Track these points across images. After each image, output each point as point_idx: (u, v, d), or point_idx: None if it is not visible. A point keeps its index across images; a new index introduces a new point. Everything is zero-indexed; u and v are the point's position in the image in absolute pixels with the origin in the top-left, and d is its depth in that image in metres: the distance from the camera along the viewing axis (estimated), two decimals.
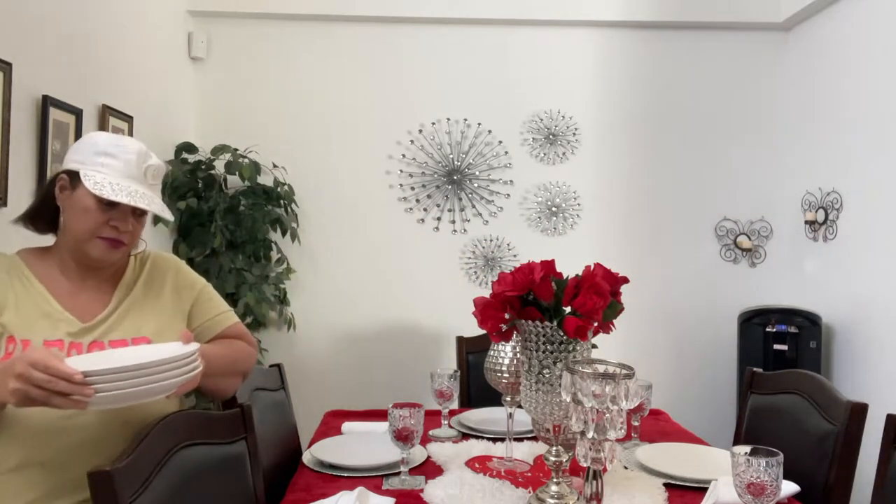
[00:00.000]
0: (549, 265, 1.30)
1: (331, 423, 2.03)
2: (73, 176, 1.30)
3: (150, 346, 1.32)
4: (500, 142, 3.59)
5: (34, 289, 1.31)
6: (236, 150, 3.28)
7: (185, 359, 1.18)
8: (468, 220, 3.59)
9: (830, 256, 3.19)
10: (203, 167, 3.23)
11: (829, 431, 1.57)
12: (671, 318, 3.60)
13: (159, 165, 1.37)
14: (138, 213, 1.35)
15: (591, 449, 1.10)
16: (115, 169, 1.30)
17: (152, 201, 1.32)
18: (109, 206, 1.28)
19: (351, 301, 3.55)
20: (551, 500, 1.29)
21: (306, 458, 1.67)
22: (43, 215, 1.37)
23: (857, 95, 3.02)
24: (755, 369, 1.94)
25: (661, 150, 3.61)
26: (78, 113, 2.33)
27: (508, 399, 1.65)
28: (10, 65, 1.98)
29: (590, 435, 1.09)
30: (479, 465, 1.61)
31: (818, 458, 1.58)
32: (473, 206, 3.59)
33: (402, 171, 3.57)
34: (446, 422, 1.95)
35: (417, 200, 3.57)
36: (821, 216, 3.25)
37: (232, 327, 1.51)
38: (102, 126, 2.53)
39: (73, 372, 1.04)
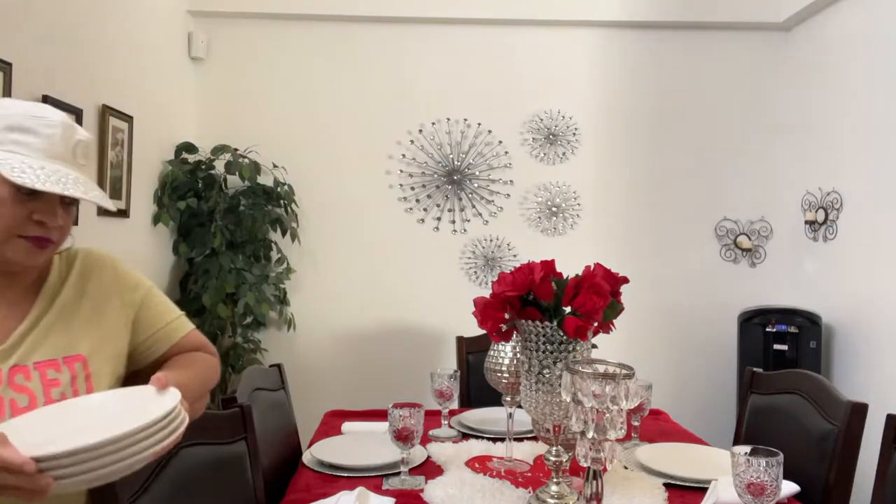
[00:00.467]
0: (549, 265, 1.30)
1: (331, 423, 2.03)
2: None
3: (117, 395, 1.04)
4: (500, 142, 3.59)
5: None
6: (236, 150, 3.28)
7: (167, 417, 0.91)
8: (468, 220, 3.59)
9: (830, 256, 3.19)
10: (203, 167, 3.23)
11: (829, 431, 1.57)
12: (671, 318, 3.60)
13: (89, 140, 1.11)
14: (66, 202, 1.07)
15: (591, 449, 1.10)
16: (34, 148, 1.02)
17: (88, 187, 1.05)
18: (31, 195, 1.01)
19: (351, 301, 3.55)
20: (551, 500, 1.29)
21: (306, 458, 1.67)
22: None
23: (857, 95, 3.02)
24: (755, 369, 1.94)
25: (661, 149, 3.61)
26: (78, 113, 2.33)
27: (508, 399, 1.65)
28: (10, 65, 1.98)
29: (590, 435, 1.09)
30: (479, 465, 1.61)
31: (818, 458, 1.58)
32: (473, 206, 3.59)
33: (402, 171, 3.57)
34: (446, 422, 1.95)
35: (417, 200, 3.57)
36: (821, 216, 3.25)
37: (189, 336, 1.26)
38: (103, 127, 2.53)
39: (21, 461, 0.80)
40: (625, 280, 1.37)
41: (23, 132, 1.02)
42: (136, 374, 1.20)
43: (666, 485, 1.47)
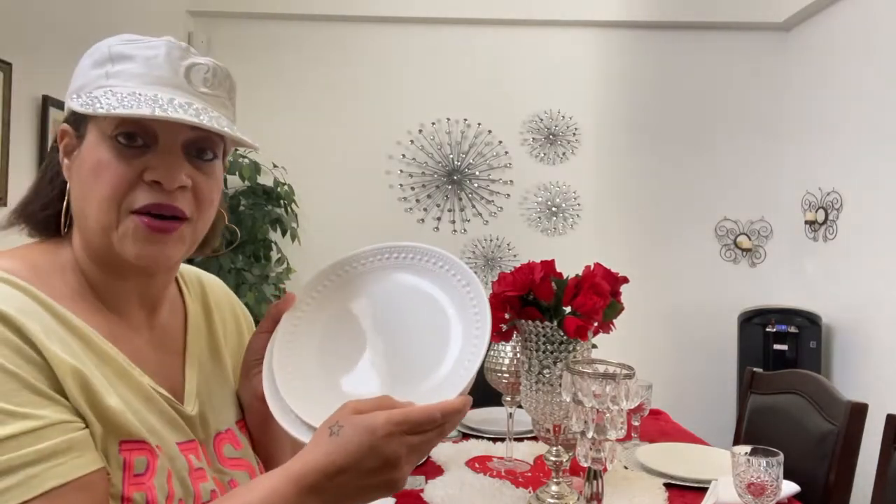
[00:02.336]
0: (549, 265, 1.29)
1: None
2: (77, 120, 0.72)
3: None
4: (500, 142, 3.59)
5: (97, 347, 0.68)
6: (236, 150, 3.27)
7: None
8: (468, 220, 3.59)
9: (830, 256, 3.18)
10: None
11: (829, 431, 1.57)
12: (671, 318, 3.60)
13: (215, 67, 0.74)
14: (203, 157, 0.73)
15: (591, 449, 1.10)
16: (128, 75, 0.70)
17: (212, 118, 0.69)
18: (141, 149, 0.68)
19: None
20: (551, 500, 1.29)
21: None
22: (47, 204, 0.74)
23: (857, 95, 3.02)
24: (755, 369, 1.94)
25: (661, 149, 3.61)
26: None
27: (508, 399, 1.65)
28: (10, 65, 1.98)
29: (590, 435, 1.09)
30: (480, 465, 1.61)
31: (818, 458, 1.58)
32: (473, 206, 3.59)
33: (402, 171, 3.57)
34: None
35: (417, 200, 3.57)
36: (821, 216, 3.25)
37: None
38: None
39: (463, 401, 0.66)
40: (625, 280, 1.37)
41: (114, 61, 0.70)
42: None
43: (666, 485, 1.47)
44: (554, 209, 3.60)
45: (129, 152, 0.68)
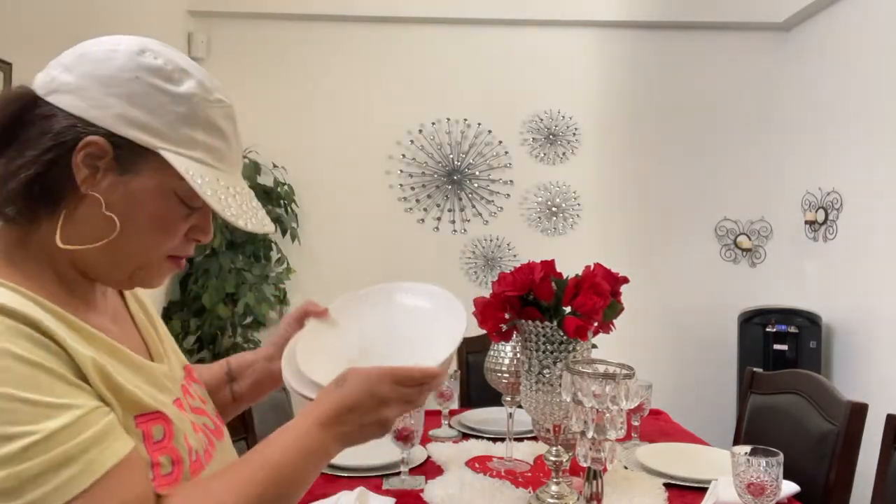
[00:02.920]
0: (549, 265, 1.29)
1: None
2: (129, 148, 0.69)
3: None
4: (500, 142, 3.59)
5: (85, 331, 0.70)
6: None
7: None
8: (468, 220, 3.59)
9: (830, 256, 3.19)
10: None
11: (829, 431, 1.57)
12: (671, 319, 3.60)
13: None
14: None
15: (591, 449, 1.10)
16: (219, 156, 0.75)
17: (259, 208, 0.81)
18: (192, 207, 0.75)
19: None
20: (551, 500, 1.29)
21: None
22: (35, 195, 0.68)
23: (856, 95, 3.02)
24: (755, 369, 1.94)
25: (662, 149, 3.61)
26: None
27: (508, 399, 1.65)
28: (10, 65, 1.98)
29: (590, 435, 1.09)
30: (479, 465, 1.61)
31: (818, 458, 1.58)
32: (473, 206, 3.59)
33: (402, 171, 3.57)
34: (446, 422, 1.95)
35: (417, 200, 3.57)
36: (821, 216, 3.25)
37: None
38: None
39: (442, 369, 0.82)
40: (625, 280, 1.37)
41: (209, 132, 0.74)
42: None
43: (666, 485, 1.47)
44: (554, 209, 3.60)
45: (186, 213, 0.75)
